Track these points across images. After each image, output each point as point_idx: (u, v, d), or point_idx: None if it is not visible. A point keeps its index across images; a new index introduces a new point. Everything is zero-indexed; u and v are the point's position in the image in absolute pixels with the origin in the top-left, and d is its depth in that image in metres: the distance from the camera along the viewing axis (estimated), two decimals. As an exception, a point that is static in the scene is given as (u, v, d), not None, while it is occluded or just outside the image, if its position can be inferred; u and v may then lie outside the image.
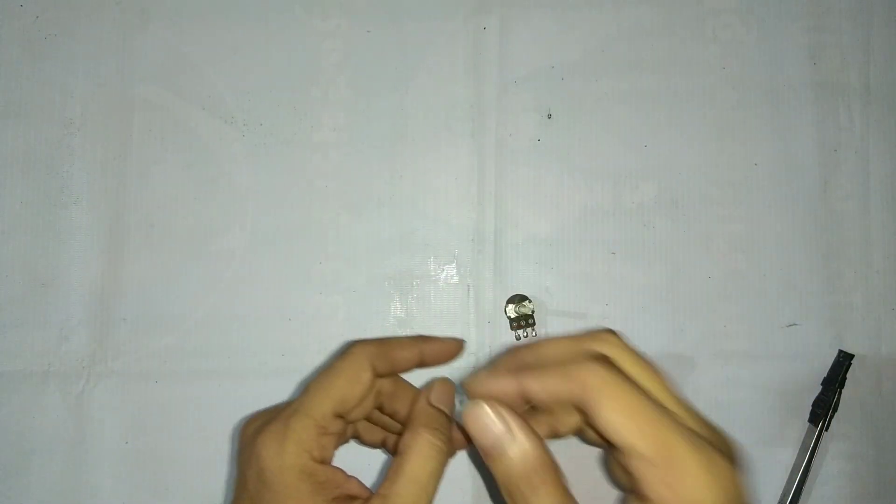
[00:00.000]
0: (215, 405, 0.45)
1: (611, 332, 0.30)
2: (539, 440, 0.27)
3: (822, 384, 0.45)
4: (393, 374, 0.37)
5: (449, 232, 0.47)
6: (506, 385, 0.29)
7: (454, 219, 0.47)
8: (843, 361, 0.45)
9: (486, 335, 0.46)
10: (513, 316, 0.46)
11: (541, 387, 0.28)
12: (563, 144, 0.47)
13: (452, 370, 0.40)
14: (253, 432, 0.32)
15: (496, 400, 0.28)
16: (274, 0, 0.48)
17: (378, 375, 0.35)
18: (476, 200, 0.47)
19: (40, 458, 0.45)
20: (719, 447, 0.26)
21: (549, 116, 0.47)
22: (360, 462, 0.41)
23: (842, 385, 0.45)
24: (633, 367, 0.29)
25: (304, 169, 0.47)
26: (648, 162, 0.47)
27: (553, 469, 0.27)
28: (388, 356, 0.35)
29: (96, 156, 0.47)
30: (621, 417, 0.26)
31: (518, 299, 0.46)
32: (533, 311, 0.46)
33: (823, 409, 0.44)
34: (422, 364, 0.37)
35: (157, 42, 0.48)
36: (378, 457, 0.44)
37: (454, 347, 0.39)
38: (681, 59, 0.48)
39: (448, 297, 0.46)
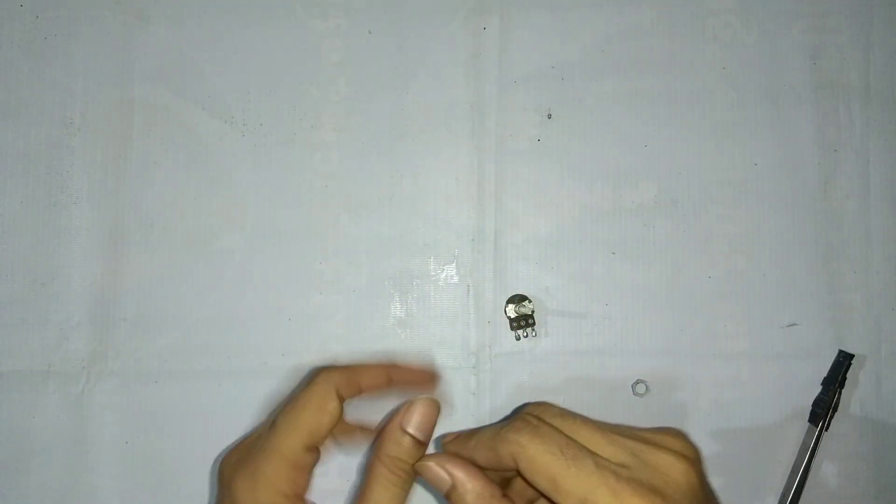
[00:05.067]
0: (215, 405, 0.45)
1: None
2: (482, 479, 0.29)
3: (822, 384, 0.45)
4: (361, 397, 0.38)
5: (449, 232, 0.47)
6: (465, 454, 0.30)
7: (454, 219, 0.47)
8: (843, 361, 0.45)
9: (486, 335, 0.46)
10: (513, 316, 0.45)
11: (481, 455, 0.29)
12: (563, 144, 0.47)
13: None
14: (229, 473, 0.33)
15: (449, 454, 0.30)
16: (274, 0, 0.48)
17: (345, 401, 0.36)
18: (476, 200, 0.47)
19: (40, 458, 0.45)
20: (645, 480, 0.26)
21: (549, 116, 0.47)
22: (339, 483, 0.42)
23: (842, 385, 0.45)
24: (553, 418, 0.29)
25: (304, 169, 0.47)
26: (648, 162, 0.47)
27: (495, 498, 0.28)
28: (355, 383, 0.36)
29: (96, 156, 0.47)
30: (544, 480, 0.26)
31: (518, 299, 0.46)
32: (533, 311, 0.46)
33: (823, 409, 0.44)
34: (393, 390, 0.38)
35: (157, 42, 0.48)
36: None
37: (426, 378, 0.39)
38: (681, 59, 0.48)
39: (448, 297, 0.46)
